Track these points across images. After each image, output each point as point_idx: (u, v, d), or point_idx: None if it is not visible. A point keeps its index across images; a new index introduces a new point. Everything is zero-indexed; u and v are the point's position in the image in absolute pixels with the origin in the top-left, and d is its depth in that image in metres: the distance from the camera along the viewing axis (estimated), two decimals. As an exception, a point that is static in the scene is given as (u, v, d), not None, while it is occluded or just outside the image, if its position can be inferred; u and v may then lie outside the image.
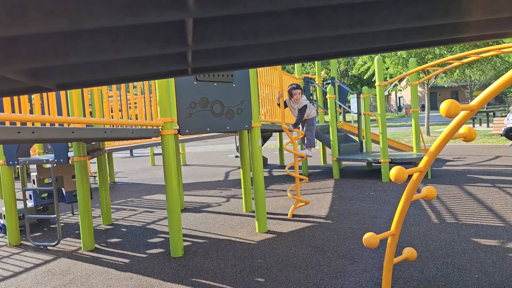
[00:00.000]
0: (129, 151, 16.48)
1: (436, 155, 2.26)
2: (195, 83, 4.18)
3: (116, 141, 7.43)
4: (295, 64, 10.10)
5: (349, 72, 36.82)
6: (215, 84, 4.37)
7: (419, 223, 4.45)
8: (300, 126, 5.89)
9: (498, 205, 5.00)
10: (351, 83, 38.02)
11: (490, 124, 18.02)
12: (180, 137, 8.18)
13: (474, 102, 2.01)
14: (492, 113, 20.89)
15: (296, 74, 9.10)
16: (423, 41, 1.43)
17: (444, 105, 1.89)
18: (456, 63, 7.80)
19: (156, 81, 3.91)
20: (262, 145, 10.24)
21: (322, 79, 9.98)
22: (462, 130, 2.09)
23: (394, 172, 2.16)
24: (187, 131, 4.12)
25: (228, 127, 4.49)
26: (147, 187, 8.33)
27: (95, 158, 5.32)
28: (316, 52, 1.26)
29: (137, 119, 4.12)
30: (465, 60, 7.70)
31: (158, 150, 12.90)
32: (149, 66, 1.26)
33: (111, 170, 9.31)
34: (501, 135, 11.82)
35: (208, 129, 4.32)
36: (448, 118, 1.90)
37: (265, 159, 10.73)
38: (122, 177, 10.12)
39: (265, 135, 10.37)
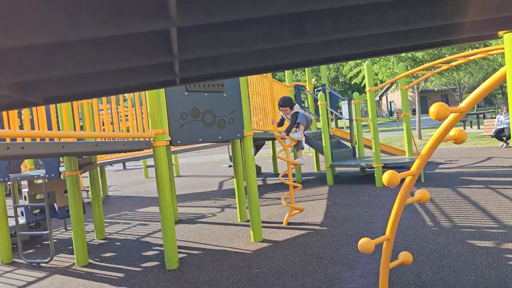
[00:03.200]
0: (122, 164, 16.36)
1: (428, 158, 2.26)
2: (185, 93, 4.17)
3: (108, 154, 7.38)
4: (286, 72, 10.14)
5: (340, 79, 37.04)
6: (206, 94, 4.37)
7: (414, 226, 4.46)
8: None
9: (491, 206, 5.02)
10: (342, 89, 38.20)
11: (481, 126, 18.16)
12: (173, 148, 8.14)
13: (463, 104, 2.02)
14: (482, 115, 21.08)
15: (287, 82, 9.13)
16: (410, 44, 1.44)
17: (433, 108, 1.90)
18: (444, 67, 7.87)
19: (146, 92, 3.90)
20: (255, 153, 10.24)
21: (313, 86, 10.03)
22: (453, 132, 2.10)
23: (386, 176, 2.16)
24: (179, 142, 4.10)
25: (220, 137, 4.48)
26: (140, 200, 8.26)
27: (87, 172, 5.27)
28: (304, 59, 1.26)
29: (128, 131, 4.10)
30: (453, 63, 7.78)
31: (151, 162, 12.81)
32: (137, 77, 1.25)
33: (104, 183, 9.24)
34: (492, 137, 11.92)
35: (200, 139, 4.31)
36: (438, 121, 1.90)
37: (258, 168, 10.71)
38: (115, 191, 10.04)
39: (258, 144, 10.36)
